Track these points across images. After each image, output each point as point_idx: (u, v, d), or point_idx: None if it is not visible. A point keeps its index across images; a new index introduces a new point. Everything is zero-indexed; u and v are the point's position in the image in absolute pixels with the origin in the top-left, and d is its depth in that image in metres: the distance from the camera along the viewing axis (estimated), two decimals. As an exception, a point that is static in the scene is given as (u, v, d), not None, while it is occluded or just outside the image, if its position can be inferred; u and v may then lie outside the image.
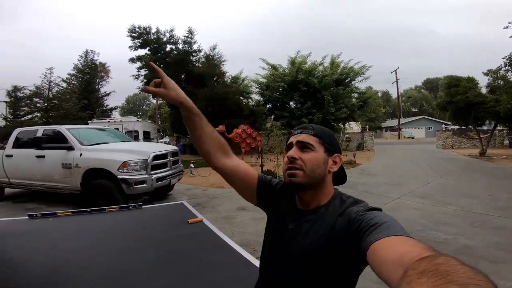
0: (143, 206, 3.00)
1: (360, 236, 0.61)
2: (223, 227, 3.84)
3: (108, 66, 25.81)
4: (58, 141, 5.44)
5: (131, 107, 53.03)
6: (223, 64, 17.63)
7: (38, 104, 16.19)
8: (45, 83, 15.86)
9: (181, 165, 6.47)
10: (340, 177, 0.88)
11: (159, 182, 5.14)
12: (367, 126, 23.40)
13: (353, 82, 18.74)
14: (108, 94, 21.60)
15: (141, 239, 2.08)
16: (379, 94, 30.82)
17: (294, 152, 0.80)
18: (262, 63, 18.92)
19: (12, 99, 16.62)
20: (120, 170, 4.71)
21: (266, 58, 19.02)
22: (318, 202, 0.80)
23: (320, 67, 18.47)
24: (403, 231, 0.57)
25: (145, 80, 15.42)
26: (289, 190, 0.87)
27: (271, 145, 9.15)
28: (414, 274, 0.37)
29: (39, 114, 16.39)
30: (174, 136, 19.32)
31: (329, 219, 0.74)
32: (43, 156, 5.47)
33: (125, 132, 13.72)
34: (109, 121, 14.17)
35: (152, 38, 14.95)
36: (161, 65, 15.24)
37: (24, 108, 17.02)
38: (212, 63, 16.49)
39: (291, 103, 18.88)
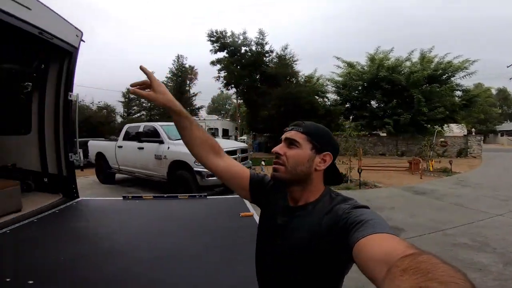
0: (208, 197, 3.43)
1: (347, 233, 0.61)
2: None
3: (196, 69, 29.21)
4: (153, 135, 6.54)
5: (216, 107, 58.18)
6: (295, 64, 17.60)
7: (143, 104, 19.67)
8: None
9: (250, 161, 6.83)
10: (333, 177, 0.85)
11: None
12: (473, 129, 19.32)
13: (452, 79, 15.92)
14: (196, 95, 24.55)
15: (199, 225, 2.43)
16: (493, 92, 24.69)
17: (279, 148, 0.81)
18: (337, 62, 18.07)
19: (126, 99, 20.70)
20: (196, 163, 5.34)
21: (340, 56, 18.15)
22: (307, 199, 0.80)
23: (407, 63, 16.47)
24: (389, 229, 0.57)
25: (224, 81, 16.80)
26: (279, 187, 0.88)
27: (346, 147, 8.64)
28: (397, 271, 0.38)
29: (144, 112, 19.94)
30: (251, 134, 20.36)
31: (317, 216, 0.74)
32: (143, 148, 6.67)
33: (207, 129, 15.30)
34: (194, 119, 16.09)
35: (228, 41, 16.15)
36: (238, 67, 16.29)
37: (134, 107, 20.94)
38: (284, 63, 16.68)
39: (372, 102, 17.36)
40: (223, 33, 16.09)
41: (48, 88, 3.54)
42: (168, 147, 6.02)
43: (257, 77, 17.02)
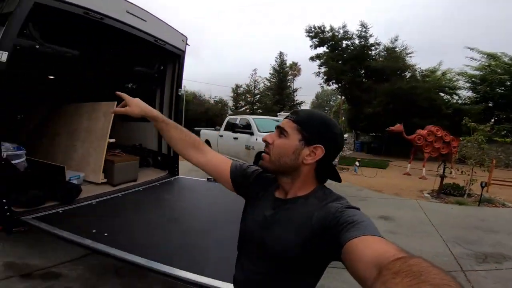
0: None
1: (338, 232, 0.60)
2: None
3: (299, 65, 29.41)
4: (246, 127, 7.11)
5: (319, 103, 56.99)
6: (409, 57, 15.12)
7: (248, 99, 21.52)
8: (252, 82, 20.78)
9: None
10: (330, 173, 0.80)
11: None
12: None
13: None
14: (296, 90, 24.91)
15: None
16: None
17: (269, 136, 0.79)
18: (471, 53, 14.33)
19: (234, 94, 23.17)
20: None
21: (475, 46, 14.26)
22: (296, 192, 0.77)
23: None
24: (379, 232, 0.57)
25: (325, 77, 16.21)
26: (270, 178, 0.86)
27: (468, 154, 6.87)
28: (389, 274, 0.39)
29: (248, 106, 21.81)
30: (353, 133, 19.06)
31: (307, 211, 0.71)
32: (237, 138, 7.36)
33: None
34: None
35: (327, 36, 15.36)
36: (340, 62, 15.36)
37: (240, 102, 23.19)
38: (394, 55, 14.56)
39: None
40: (322, 28, 15.52)
41: (165, 85, 4.44)
42: (256, 139, 6.41)
43: (361, 72, 15.65)
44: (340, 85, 17.17)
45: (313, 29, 15.84)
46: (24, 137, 4.41)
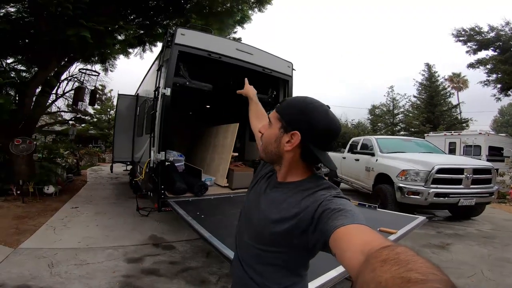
0: (377, 209, 3.20)
1: (325, 220, 0.61)
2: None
3: (464, 76, 23.54)
4: (367, 148, 6.61)
5: (507, 120, 42.46)
6: None
7: (386, 120, 19.29)
8: (389, 101, 18.52)
9: (494, 186, 4.85)
10: (314, 158, 0.77)
11: (440, 198, 4.48)
12: None
13: None
14: (455, 106, 19.69)
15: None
16: None
17: (262, 127, 0.85)
18: None
19: (372, 116, 21.40)
20: (398, 177, 4.76)
21: None
22: (286, 178, 0.80)
23: None
24: (365, 222, 0.59)
25: (498, 86, 12.23)
26: None
27: None
28: (377, 262, 0.40)
29: (389, 128, 19.48)
30: None
31: (297, 196, 0.73)
32: (358, 159, 6.95)
33: (464, 147, 11.97)
34: (445, 135, 13.14)
35: (488, 37, 11.52)
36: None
37: (379, 124, 21.12)
38: None
39: None
40: (476, 28, 11.93)
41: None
42: (377, 160, 5.84)
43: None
44: (527, 93, 12.39)
45: (463, 32, 12.66)
46: (185, 149, 6.24)
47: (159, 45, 7.93)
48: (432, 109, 18.67)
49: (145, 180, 3.87)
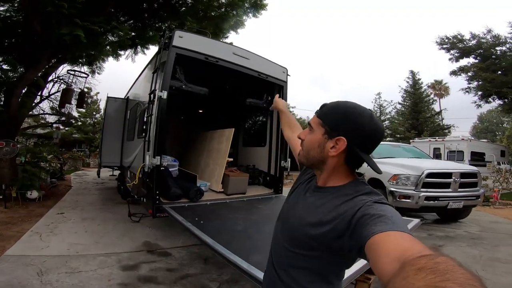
0: None
1: (363, 225, 0.60)
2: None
3: (445, 83, 24.47)
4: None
5: (486, 126, 44.37)
6: None
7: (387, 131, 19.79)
8: (376, 107, 18.99)
9: (480, 189, 5.08)
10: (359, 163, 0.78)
11: (430, 201, 4.65)
12: None
13: None
14: (438, 113, 20.46)
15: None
16: None
17: (302, 133, 0.86)
18: None
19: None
20: (390, 182, 4.89)
21: None
22: (329, 183, 0.79)
23: None
24: (408, 230, 0.56)
25: (479, 93, 12.82)
26: None
27: None
28: (411, 270, 0.38)
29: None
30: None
31: (336, 201, 0.72)
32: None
33: (448, 152, 12.38)
34: (430, 141, 13.57)
35: (470, 45, 12.12)
36: (499, 72, 11.88)
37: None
38: None
39: None
40: (458, 36, 12.53)
41: (272, 115, 5.09)
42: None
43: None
44: (505, 100, 13.02)
45: (446, 40, 13.22)
46: (177, 153, 6.13)
47: (152, 48, 7.84)
48: (417, 116, 19.30)
49: (138, 185, 3.77)
